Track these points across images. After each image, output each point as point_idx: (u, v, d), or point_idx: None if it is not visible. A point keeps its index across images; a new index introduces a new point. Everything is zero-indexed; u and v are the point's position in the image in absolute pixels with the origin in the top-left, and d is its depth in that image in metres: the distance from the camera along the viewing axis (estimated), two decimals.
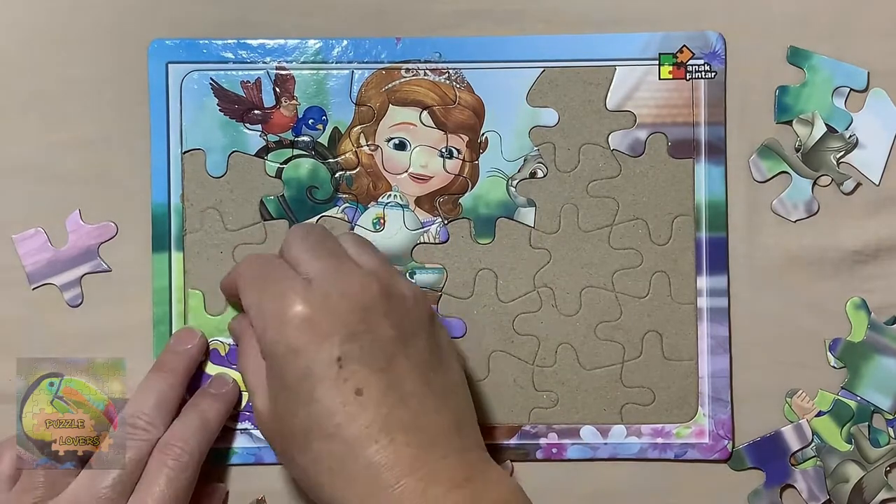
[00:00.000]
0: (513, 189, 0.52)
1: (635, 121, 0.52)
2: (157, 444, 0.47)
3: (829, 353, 0.52)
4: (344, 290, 0.42)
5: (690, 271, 0.52)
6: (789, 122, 0.52)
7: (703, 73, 0.52)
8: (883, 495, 0.51)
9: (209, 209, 0.52)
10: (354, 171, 0.52)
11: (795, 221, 0.52)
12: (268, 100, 0.52)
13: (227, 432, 0.51)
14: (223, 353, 0.51)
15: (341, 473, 0.41)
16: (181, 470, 0.46)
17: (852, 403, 0.52)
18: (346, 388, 0.41)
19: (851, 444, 0.52)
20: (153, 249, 0.51)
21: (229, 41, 0.52)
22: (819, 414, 0.52)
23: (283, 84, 0.52)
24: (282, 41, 0.52)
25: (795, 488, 0.52)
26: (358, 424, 0.41)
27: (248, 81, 0.52)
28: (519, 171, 0.52)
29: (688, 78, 0.52)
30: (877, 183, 0.52)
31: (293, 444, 0.42)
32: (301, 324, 0.41)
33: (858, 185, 0.52)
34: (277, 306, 0.42)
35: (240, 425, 0.51)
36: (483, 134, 0.52)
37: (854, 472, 0.51)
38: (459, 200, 0.52)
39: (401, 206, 0.52)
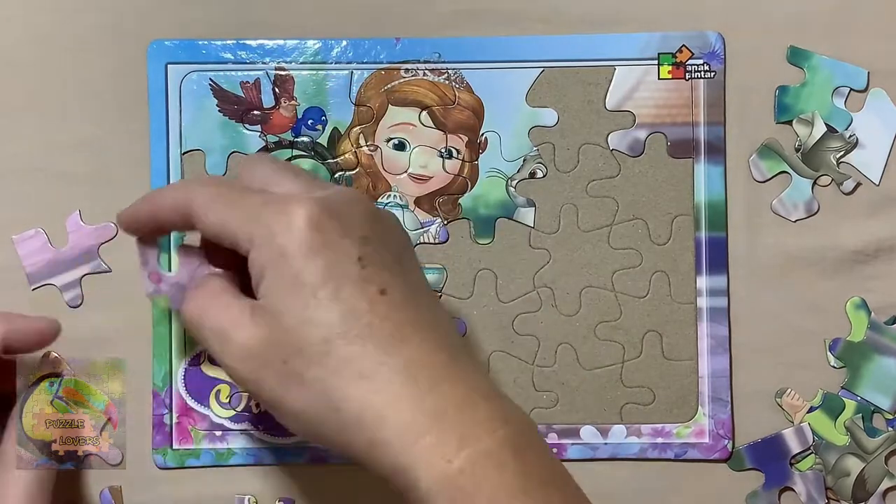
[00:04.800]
0: (512, 189, 0.52)
1: (635, 121, 0.52)
2: None
3: (829, 353, 0.52)
4: (343, 198, 0.40)
5: (690, 271, 0.52)
6: (789, 122, 0.52)
7: (702, 73, 0.52)
8: (886, 483, 0.51)
9: None
10: (354, 172, 0.52)
11: (795, 221, 0.52)
12: (267, 100, 0.52)
13: (226, 433, 0.51)
14: None
15: (374, 378, 0.37)
16: None
17: (850, 402, 0.52)
18: (370, 288, 0.38)
19: (848, 436, 0.52)
20: None
21: (228, 42, 0.52)
22: (811, 410, 0.52)
23: (283, 84, 0.52)
24: (281, 41, 0.52)
25: (794, 491, 0.52)
26: (390, 323, 0.38)
27: (248, 82, 0.52)
28: (518, 172, 0.52)
29: (687, 78, 0.52)
30: (877, 183, 0.52)
31: (306, 360, 0.38)
32: (314, 224, 0.39)
33: (858, 185, 0.52)
34: (282, 212, 0.39)
35: (240, 426, 0.51)
36: (482, 134, 0.52)
37: (854, 465, 0.51)
38: (459, 201, 0.52)
39: (400, 206, 0.52)
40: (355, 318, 0.38)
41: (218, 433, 0.51)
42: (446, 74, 0.52)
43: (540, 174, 0.52)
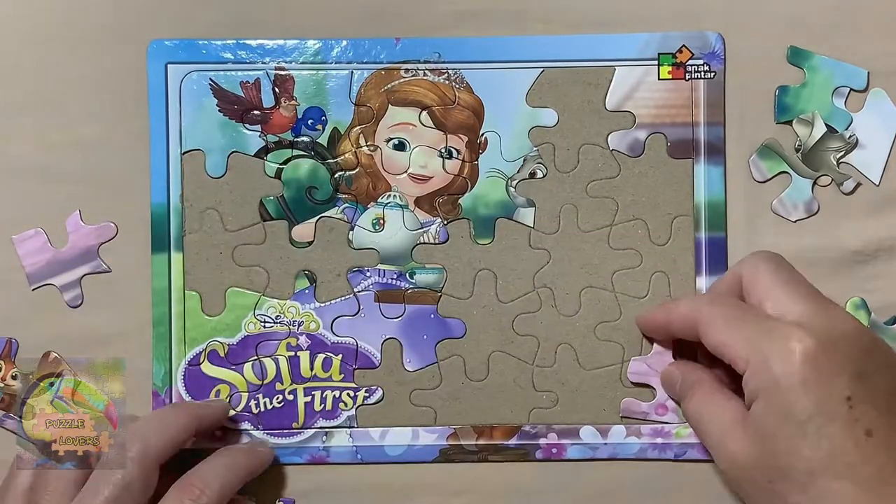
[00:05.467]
0: (512, 189, 0.52)
1: (634, 121, 0.52)
2: (177, 482, 0.46)
3: None
4: (842, 332, 0.42)
5: (690, 271, 0.52)
6: (789, 122, 0.52)
7: (702, 74, 0.52)
8: None
9: (209, 210, 0.52)
10: (354, 172, 0.52)
11: (795, 221, 0.52)
12: (267, 100, 0.52)
13: (226, 433, 0.51)
14: (222, 354, 0.51)
15: None
16: None
17: None
18: (856, 428, 0.41)
19: None
20: (153, 250, 0.51)
21: (228, 41, 0.52)
22: None
23: (283, 84, 0.52)
24: (281, 41, 0.52)
25: None
26: (871, 466, 0.40)
27: (248, 82, 0.52)
28: (518, 172, 0.52)
29: (687, 78, 0.52)
30: (877, 183, 0.52)
31: (790, 485, 0.41)
32: (809, 360, 0.41)
33: (858, 185, 0.52)
34: (776, 342, 0.42)
35: (239, 426, 0.51)
36: (482, 134, 0.52)
37: None
38: (459, 201, 0.52)
39: (400, 206, 0.52)
40: (839, 456, 0.41)
41: (218, 433, 0.51)
42: (446, 74, 0.52)
43: (540, 174, 0.52)
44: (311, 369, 0.52)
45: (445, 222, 0.52)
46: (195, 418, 0.48)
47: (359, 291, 0.52)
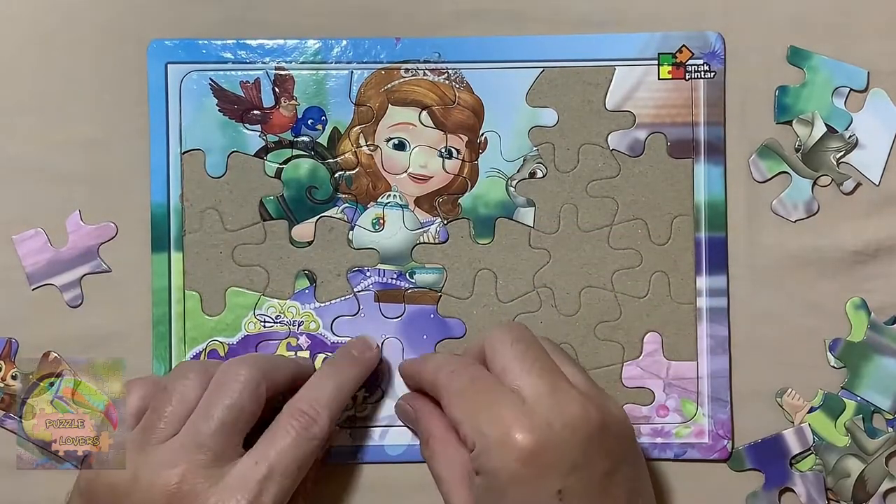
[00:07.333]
0: (512, 189, 0.52)
1: (634, 121, 0.52)
2: (287, 405, 0.46)
3: (829, 353, 0.52)
4: (566, 421, 0.42)
5: (690, 271, 0.52)
6: (789, 122, 0.52)
7: (702, 73, 0.52)
8: (886, 485, 0.51)
9: (208, 209, 0.52)
10: (354, 172, 0.52)
11: (795, 221, 0.52)
12: (267, 100, 0.52)
13: None
14: (222, 354, 0.51)
15: None
16: (308, 438, 0.45)
17: (850, 403, 0.52)
18: None
19: (848, 437, 0.52)
20: (153, 250, 0.51)
21: (228, 41, 0.52)
22: (811, 410, 0.52)
23: (283, 84, 0.52)
24: (281, 41, 0.52)
25: (794, 492, 0.52)
26: None
27: (248, 81, 0.52)
28: (518, 171, 0.52)
29: (687, 78, 0.52)
30: (877, 183, 0.52)
31: None
32: (526, 455, 0.41)
33: (858, 185, 0.52)
34: (499, 432, 0.42)
35: None
36: (482, 134, 0.52)
37: (855, 466, 0.51)
38: (459, 200, 0.52)
39: (400, 206, 0.52)
40: None
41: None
42: (446, 74, 0.52)
43: (540, 174, 0.52)
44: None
45: (445, 222, 0.52)
46: (299, 369, 0.48)
47: (359, 291, 0.52)
